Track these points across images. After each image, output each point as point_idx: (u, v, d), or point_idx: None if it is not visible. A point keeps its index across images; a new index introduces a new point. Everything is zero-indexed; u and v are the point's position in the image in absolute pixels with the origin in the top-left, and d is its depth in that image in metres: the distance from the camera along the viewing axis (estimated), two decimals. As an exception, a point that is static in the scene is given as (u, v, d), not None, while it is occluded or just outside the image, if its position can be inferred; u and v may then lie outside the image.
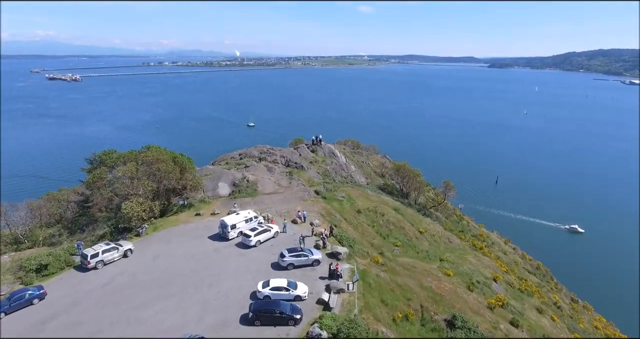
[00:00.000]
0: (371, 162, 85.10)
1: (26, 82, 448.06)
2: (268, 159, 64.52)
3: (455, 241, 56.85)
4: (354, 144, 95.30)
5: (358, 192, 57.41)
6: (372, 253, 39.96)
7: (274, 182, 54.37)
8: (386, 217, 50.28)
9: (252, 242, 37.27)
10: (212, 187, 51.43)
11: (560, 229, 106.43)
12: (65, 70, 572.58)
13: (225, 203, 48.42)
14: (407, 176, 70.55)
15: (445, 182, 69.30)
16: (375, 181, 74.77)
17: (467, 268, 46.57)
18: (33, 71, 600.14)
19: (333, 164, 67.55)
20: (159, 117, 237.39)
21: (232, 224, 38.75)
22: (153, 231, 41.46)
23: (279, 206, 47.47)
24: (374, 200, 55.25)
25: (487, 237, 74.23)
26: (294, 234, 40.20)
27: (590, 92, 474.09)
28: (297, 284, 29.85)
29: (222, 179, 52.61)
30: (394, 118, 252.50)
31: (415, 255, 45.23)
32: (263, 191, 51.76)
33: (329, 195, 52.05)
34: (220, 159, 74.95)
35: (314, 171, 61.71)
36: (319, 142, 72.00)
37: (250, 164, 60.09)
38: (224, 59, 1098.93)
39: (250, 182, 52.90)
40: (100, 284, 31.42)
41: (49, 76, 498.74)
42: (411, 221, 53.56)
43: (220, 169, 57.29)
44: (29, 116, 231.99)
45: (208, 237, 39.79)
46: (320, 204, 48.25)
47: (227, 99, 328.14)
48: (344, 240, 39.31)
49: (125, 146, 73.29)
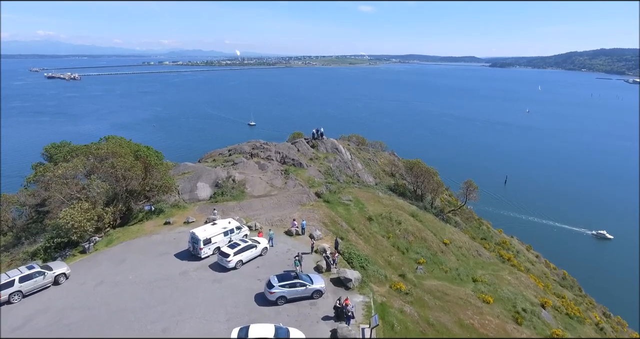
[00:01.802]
0: (379, 159, 75.50)
1: (24, 81, 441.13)
2: (261, 155, 54.97)
3: (484, 253, 47.22)
4: (359, 140, 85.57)
5: (367, 194, 47.79)
6: (391, 276, 30.37)
7: (266, 182, 44.80)
8: (404, 225, 40.64)
9: (232, 263, 27.72)
10: (189, 188, 41.86)
11: (585, 234, 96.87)
12: (64, 69, 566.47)
13: (204, 208, 38.86)
14: (421, 176, 60.88)
15: (467, 182, 59.48)
16: (385, 181, 65.14)
17: (507, 290, 37.02)
18: (32, 70, 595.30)
19: (337, 161, 57.92)
20: (157, 116, 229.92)
21: (205, 238, 29.20)
22: (105, 246, 31.92)
23: (270, 213, 37.91)
24: (386, 204, 45.63)
25: (511, 245, 64.86)
26: (288, 250, 30.66)
27: (595, 90, 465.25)
28: (288, 332, 20.30)
29: (202, 179, 43.02)
30: (396, 116, 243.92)
31: (444, 275, 35.59)
32: (252, 193, 42.18)
33: (333, 198, 42.50)
34: (208, 155, 65.49)
35: (315, 169, 52.10)
36: (321, 136, 62.40)
37: (239, 160, 50.53)
38: (224, 58, 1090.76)
39: (237, 182, 43.32)
40: (8, 330, 21.85)
41: (47, 75, 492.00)
42: (433, 230, 43.92)
43: (202, 166, 47.74)
44: (25, 114, 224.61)
45: (175, 254, 30.23)
46: (322, 210, 38.67)
47: (227, 98, 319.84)
48: (354, 259, 29.74)
49: None
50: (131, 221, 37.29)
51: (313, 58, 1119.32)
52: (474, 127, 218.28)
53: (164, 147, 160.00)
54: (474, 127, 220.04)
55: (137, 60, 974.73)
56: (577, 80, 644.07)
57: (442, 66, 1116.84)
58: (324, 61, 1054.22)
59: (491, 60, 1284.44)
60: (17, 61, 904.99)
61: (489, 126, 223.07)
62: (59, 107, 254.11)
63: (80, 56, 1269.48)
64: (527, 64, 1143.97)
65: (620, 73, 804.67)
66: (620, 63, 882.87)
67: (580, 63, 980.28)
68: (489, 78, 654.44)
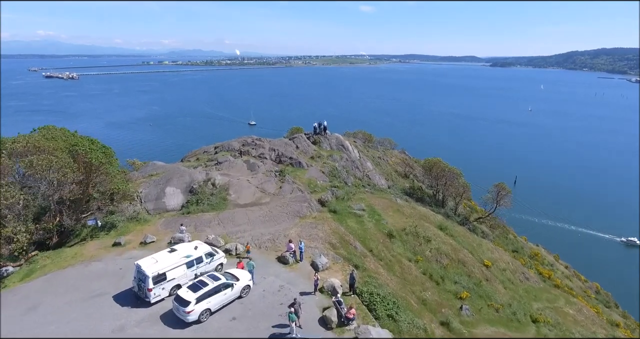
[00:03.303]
0: (389, 158, 65.91)
1: (22, 80, 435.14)
2: (252, 153, 45.40)
3: (530, 276, 37.53)
4: (365, 137, 75.92)
5: (382, 201, 38.15)
6: (431, 326, 20.70)
7: (256, 186, 35.16)
8: (434, 244, 31.01)
9: (193, 314, 18.07)
10: (154, 195, 32.20)
11: (614, 241, 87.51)
12: (64, 69, 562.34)
13: (171, 222, 29.23)
14: (443, 177, 51.35)
15: (498, 185, 49.80)
16: (399, 184, 55.51)
17: (577, 332, 27.42)
18: (31, 70, 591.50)
19: (343, 160, 48.32)
20: (154, 115, 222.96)
21: (157, 274, 19.55)
22: (21, 280, 22.34)
23: (258, 228, 28.26)
24: (408, 214, 35.99)
25: (542, 257, 55.45)
26: (281, 289, 21.03)
27: (598, 90, 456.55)
28: None
29: (173, 183, 33.35)
30: (398, 115, 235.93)
31: (496, 316, 25.97)
32: (236, 200, 32.53)
33: (341, 207, 32.89)
34: (192, 154, 55.92)
35: (317, 170, 42.47)
36: (324, 131, 52.78)
37: (223, 159, 40.96)
38: (224, 58, 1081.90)
39: (218, 186, 33.67)
40: None
41: (45, 74, 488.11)
42: (469, 248, 34.27)
43: (174, 166, 38.09)
44: (20, 113, 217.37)
45: (115, 296, 20.62)
46: (328, 224, 29.04)
47: (227, 97, 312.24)
48: (378, 303, 20.11)
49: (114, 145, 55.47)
50: (71, 240, 27.72)
51: (313, 58, 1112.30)
52: (479, 126, 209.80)
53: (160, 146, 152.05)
54: (479, 126, 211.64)
55: (137, 60, 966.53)
56: (579, 80, 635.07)
57: (443, 66, 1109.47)
58: (324, 61, 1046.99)
59: (492, 60, 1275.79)
60: (16, 61, 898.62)
61: (494, 125, 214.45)
62: (54, 106, 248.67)
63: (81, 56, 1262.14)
64: (527, 63, 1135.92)
65: (622, 72, 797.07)
66: (622, 62, 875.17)
67: (582, 62, 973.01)
68: (490, 77, 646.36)
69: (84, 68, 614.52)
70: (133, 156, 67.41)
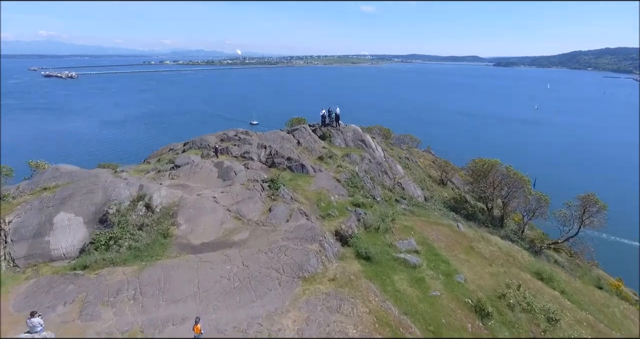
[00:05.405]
0: (418, 159, 51.11)
1: (20, 80, 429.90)
2: (233, 153, 30.68)
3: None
4: (382, 133, 61.22)
5: (438, 229, 23.31)
6: None
7: (228, 208, 20.29)
8: (562, 326, 16.00)
9: None
10: (34, 228, 17.40)
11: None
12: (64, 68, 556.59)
13: (43, 291, 14.41)
14: (504, 187, 36.60)
15: (585, 197, 34.85)
16: (436, 193, 40.64)
17: None
18: (31, 69, 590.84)
19: (365, 161, 33.49)
20: (150, 113, 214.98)
21: None
22: None
23: (216, 312, 13.37)
24: (488, 254, 21.06)
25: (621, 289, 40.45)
26: None
27: (606, 88, 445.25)
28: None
29: (71, 205, 18.51)
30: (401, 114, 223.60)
31: None
32: (187, 237, 17.72)
33: (379, 247, 18.02)
34: (155, 154, 41.53)
35: (329, 177, 27.66)
36: (335, 122, 37.85)
37: (183, 161, 26.29)
38: (225, 58, 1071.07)
39: (158, 210, 18.82)
40: None
41: (44, 74, 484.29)
42: (605, 320, 19.25)
43: (84, 172, 23.10)
44: (14, 112, 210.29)
45: None
46: (360, 297, 14.11)
47: (228, 96, 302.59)
48: None
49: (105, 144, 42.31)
50: None
51: (315, 58, 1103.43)
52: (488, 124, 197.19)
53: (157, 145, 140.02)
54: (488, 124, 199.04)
55: (139, 60, 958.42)
56: (585, 79, 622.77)
57: (446, 65, 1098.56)
58: (326, 61, 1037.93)
59: (495, 60, 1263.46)
60: (17, 61, 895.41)
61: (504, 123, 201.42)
62: (51, 105, 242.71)
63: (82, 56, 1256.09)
64: (531, 63, 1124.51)
65: (628, 72, 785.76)
66: (627, 62, 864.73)
67: (586, 62, 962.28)
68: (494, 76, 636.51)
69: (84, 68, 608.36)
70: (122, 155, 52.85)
